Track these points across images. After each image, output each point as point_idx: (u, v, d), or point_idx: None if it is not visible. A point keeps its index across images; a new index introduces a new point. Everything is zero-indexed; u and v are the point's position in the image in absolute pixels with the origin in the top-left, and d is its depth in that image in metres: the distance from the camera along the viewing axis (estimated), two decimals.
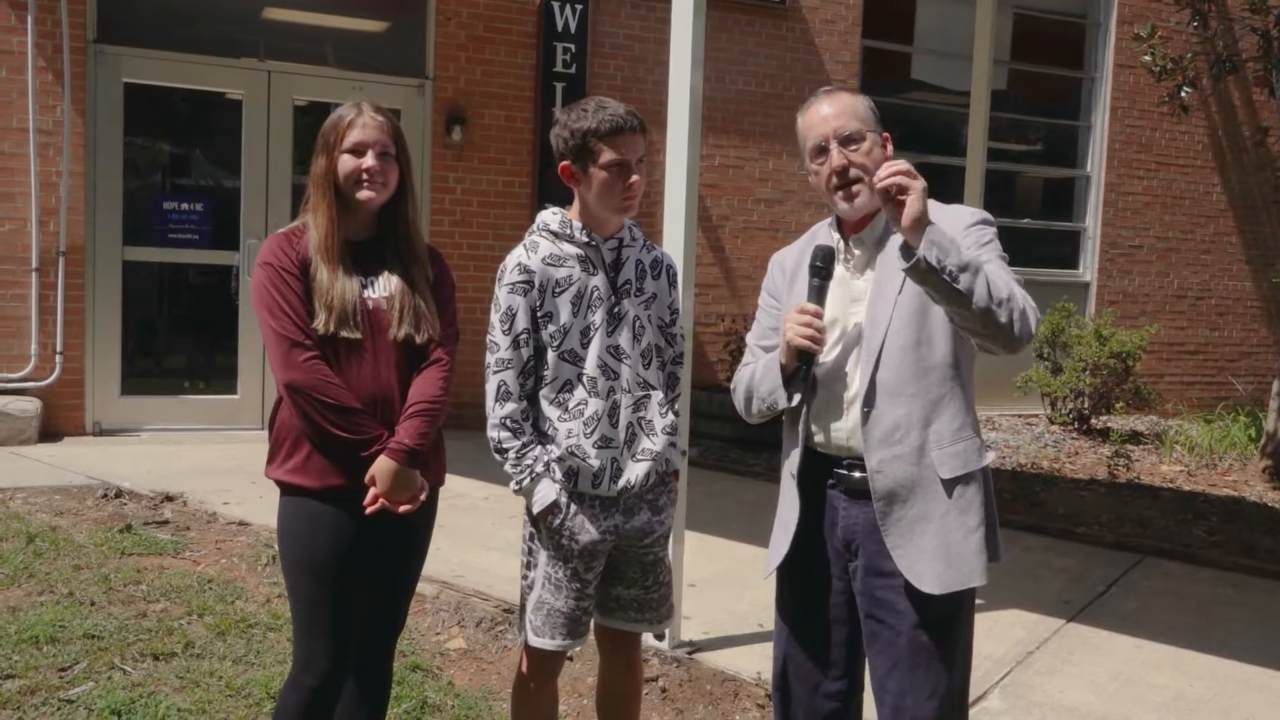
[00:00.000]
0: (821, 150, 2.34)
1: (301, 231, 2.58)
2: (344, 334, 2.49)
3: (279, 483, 2.58)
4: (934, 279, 2.09)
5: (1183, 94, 8.74)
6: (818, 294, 2.33)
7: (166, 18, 7.65)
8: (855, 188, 2.33)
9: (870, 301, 2.33)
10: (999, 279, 2.16)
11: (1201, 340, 11.61)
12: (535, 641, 2.72)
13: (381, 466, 2.50)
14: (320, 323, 2.48)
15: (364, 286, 2.56)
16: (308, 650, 2.55)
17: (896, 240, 2.30)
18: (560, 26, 8.48)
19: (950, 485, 2.29)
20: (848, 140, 2.32)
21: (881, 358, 2.29)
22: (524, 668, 2.80)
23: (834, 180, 2.34)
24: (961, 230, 2.27)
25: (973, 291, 2.10)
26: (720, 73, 9.05)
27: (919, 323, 2.27)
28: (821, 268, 2.34)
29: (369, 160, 2.55)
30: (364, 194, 2.56)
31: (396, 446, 2.50)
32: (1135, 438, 9.55)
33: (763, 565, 2.59)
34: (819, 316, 2.29)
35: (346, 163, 2.54)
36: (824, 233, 2.48)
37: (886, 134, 2.38)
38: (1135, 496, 7.41)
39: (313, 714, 2.56)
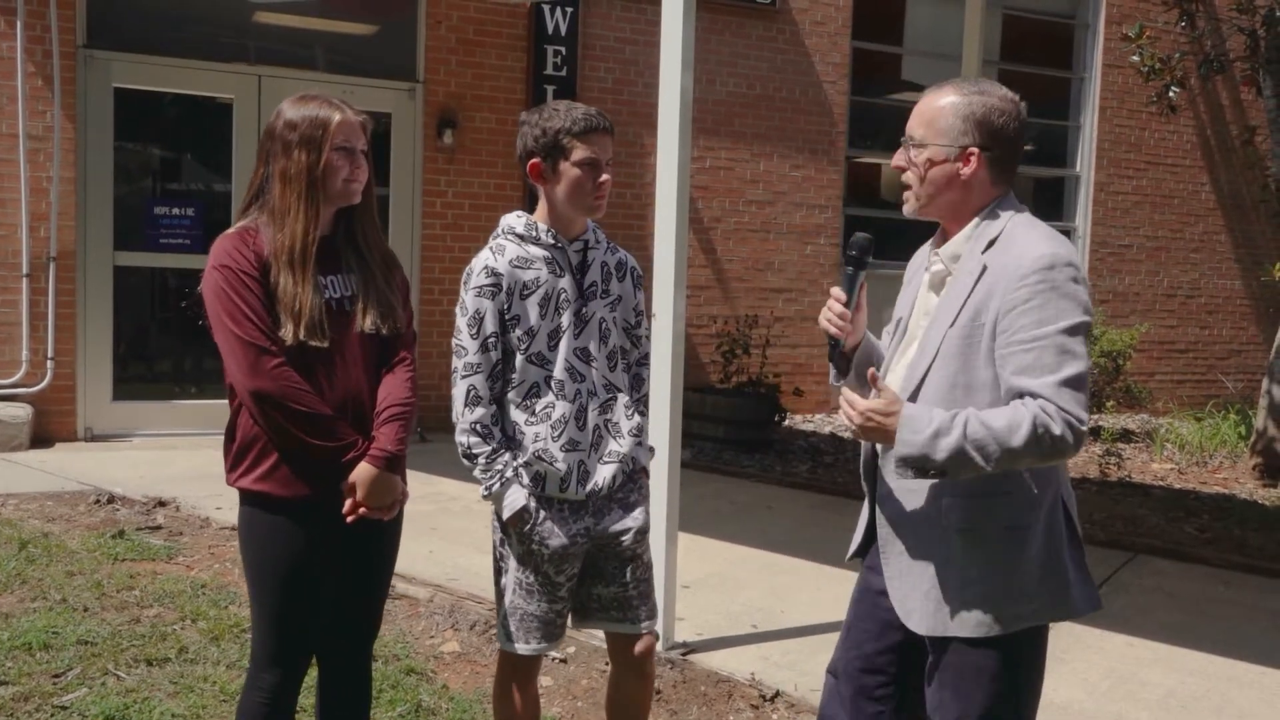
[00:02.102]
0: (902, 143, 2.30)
1: (255, 231, 2.48)
2: (312, 343, 2.41)
3: (243, 490, 2.52)
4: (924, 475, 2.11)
5: (1171, 94, 8.79)
6: (849, 282, 2.34)
7: (156, 22, 7.64)
8: (904, 192, 2.28)
9: (930, 324, 2.24)
10: (991, 440, 2.01)
11: (1191, 339, 11.66)
12: (510, 646, 2.72)
13: (362, 474, 2.44)
14: (288, 333, 2.39)
15: (325, 288, 2.49)
16: (267, 651, 2.55)
17: (968, 265, 2.19)
18: (551, 29, 8.49)
19: (963, 535, 2.17)
20: (909, 142, 2.26)
21: (923, 386, 2.19)
22: (502, 672, 2.81)
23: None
24: (1015, 283, 2.07)
25: (972, 470, 2.07)
26: (711, 74, 9.07)
27: (959, 363, 2.16)
28: (855, 257, 2.35)
29: (361, 159, 2.52)
30: (353, 194, 2.52)
31: (378, 453, 2.45)
32: (1126, 436, 9.59)
33: (766, 565, 2.57)
34: (843, 303, 2.32)
35: (338, 162, 2.47)
36: (930, 243, 2.39)
37: (974, 150, 2.17)
38: (1126, 495, 7.44)
39: (274, 714, 2.56)
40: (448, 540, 5.42)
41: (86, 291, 7.39)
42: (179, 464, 6.80)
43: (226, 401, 2.59)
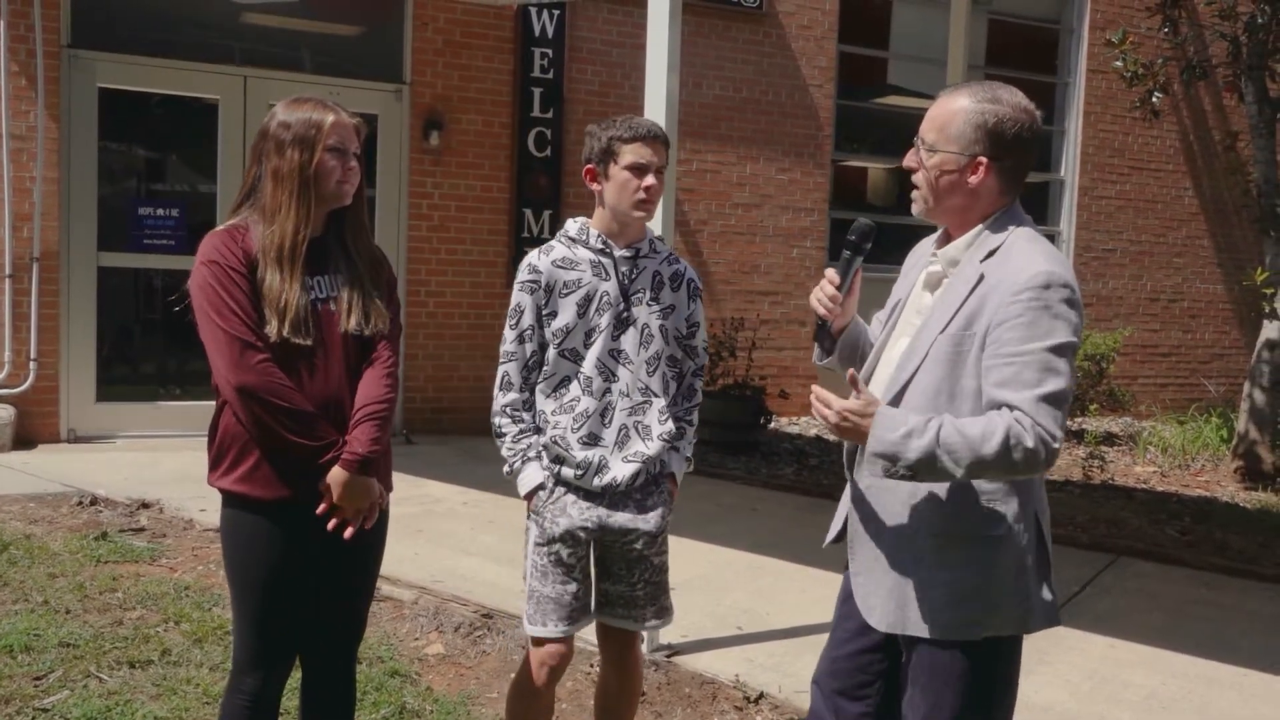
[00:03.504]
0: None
1: (244, 229, 2.50)
2: (295, 340, 2.43)
3: (224, 491, 2.52)
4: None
5: (1154, 99, 8.85)
6: (845, 265, 2.36)
7: (141, 22, 7.61)
8: (913, 192, 2.28)
9: (921, 326, 2.24)
10: (963, 446, 2.01)
11: (1174, 343, 11.73)
12: (528, 628, 2.82)
13: (335, 477, 2.45)
14: (272, 329, 2.41)
15: (312, 288, 2.51)
16: (248, 653, 2.56)
17: (966, 272, 2.19)
18: (538, 32, 8.49)
19: (933, 539, 2.19)
20: (920, 145, 2.24)
21: (909, 388, 2.20)
22: (525, 662, 2.89)
23: None
24: (1008, 298, 2.07)
25: (942, 475, 2.07)
26: (697, 77, 9.08)
27: (946, 369, 2.16)
28: (855, 242, 2.37)
29: (353, 161, 2.53)
30: (345, 195, 2.53)
31: (350, 456, 2.46)
32: (1109, 439, 9.64)
33: (752, 567, 2.59)
34: (836, 286, 2.34)
35: (330, 162, 2.48)
36: (934, 239, 2.38)
37: (983, 159, 2.16)
38: (1109, 497, 7.48)
39: (255, 716, 2.56)
40: (433, 542, 5.41)
41: (70, 292, 7.35)
42: (163, 466, 6.77)
43: (209, 403, 2.59)
